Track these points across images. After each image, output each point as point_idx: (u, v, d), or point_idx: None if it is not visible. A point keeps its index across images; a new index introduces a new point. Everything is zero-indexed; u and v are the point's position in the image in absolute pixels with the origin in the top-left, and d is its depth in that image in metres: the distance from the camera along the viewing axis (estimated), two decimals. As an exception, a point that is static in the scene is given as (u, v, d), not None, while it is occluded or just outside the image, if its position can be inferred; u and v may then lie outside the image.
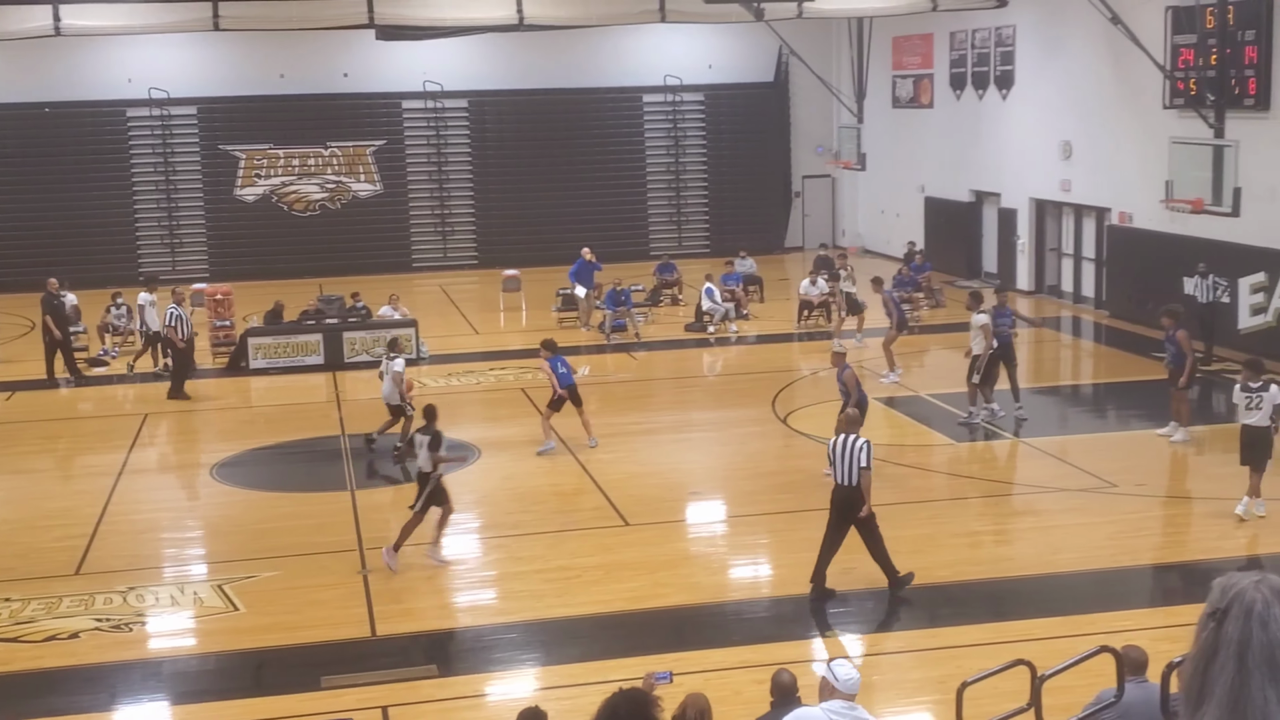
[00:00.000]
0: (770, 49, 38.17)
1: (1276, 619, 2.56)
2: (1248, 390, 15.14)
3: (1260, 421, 15.01)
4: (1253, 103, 23.22)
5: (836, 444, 13.35)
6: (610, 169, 38.97)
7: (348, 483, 17.89)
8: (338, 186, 37.82)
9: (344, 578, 14.22)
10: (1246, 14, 23.07)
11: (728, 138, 39.57)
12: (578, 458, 18.63)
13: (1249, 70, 23.22)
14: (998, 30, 31.84)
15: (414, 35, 29.99)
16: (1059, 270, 30.96)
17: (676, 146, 39.58)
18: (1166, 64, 25.03)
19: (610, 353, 26.39)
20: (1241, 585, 2.62)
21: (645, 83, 38.84)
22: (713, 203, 39.82)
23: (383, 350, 20.35)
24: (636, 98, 39.13)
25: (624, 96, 38.95)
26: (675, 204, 39.77)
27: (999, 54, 32.02)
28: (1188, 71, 24.57)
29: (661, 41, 37.62)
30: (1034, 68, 30.61)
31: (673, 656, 11.64)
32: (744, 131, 39.50)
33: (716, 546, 15.59)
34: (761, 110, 39.51)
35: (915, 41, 35.76)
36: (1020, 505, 16.51)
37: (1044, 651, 10.60)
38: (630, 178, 39.30)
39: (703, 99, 39.48)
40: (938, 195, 35.11)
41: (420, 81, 37.33)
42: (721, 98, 39.45)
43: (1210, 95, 23.45)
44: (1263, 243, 23.08)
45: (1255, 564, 13.79)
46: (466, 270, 37.80)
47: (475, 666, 12.09)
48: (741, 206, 39.41)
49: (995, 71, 32.20)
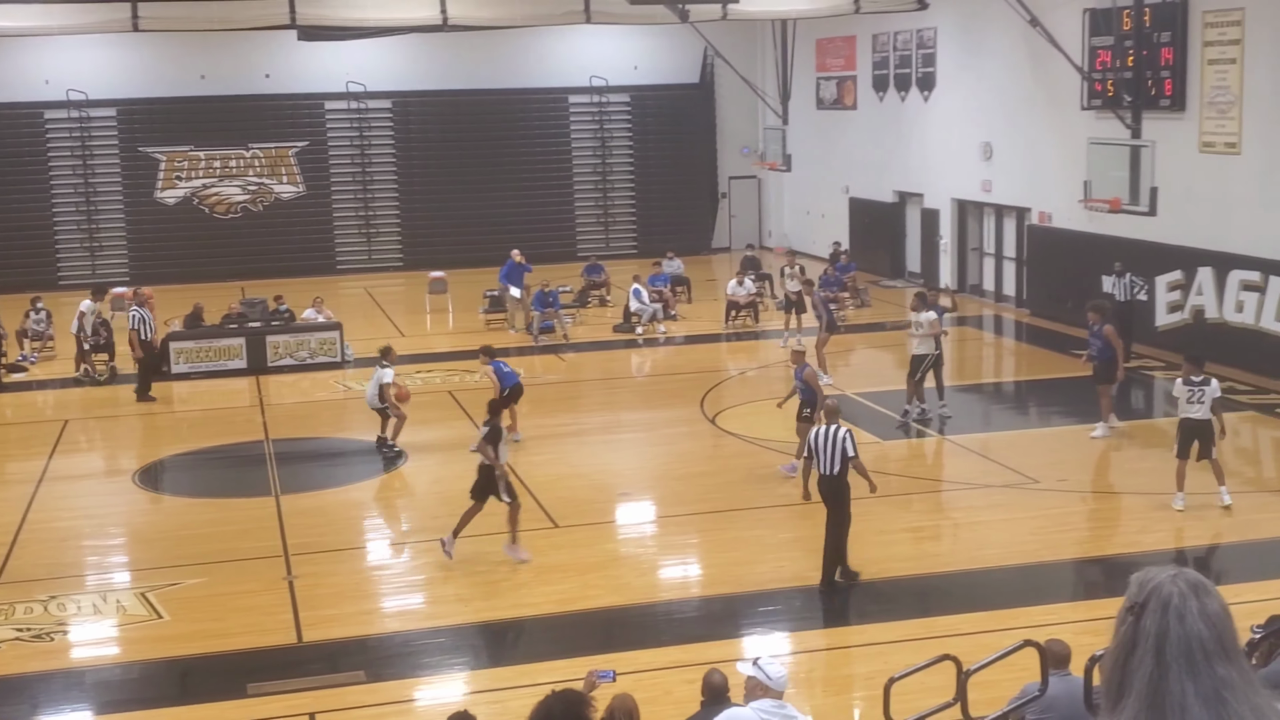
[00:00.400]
0: (695, 50, 38.29)
1: (1193, 612, 2.60)
2: (1190, 384, 15.24)
3: (1203, 415, 15.17)
4: (1168, 103, 23.63)
5: (819, 434, 13.54)
6: (537, 170, 38.89)
7: (272, 488, 17.71)
8: (260, 188, 37.44)
9: (269, 584, 14.08)
10: (1162, 16, 23.48)
11: (654, 139, 39.64)
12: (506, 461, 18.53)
13: (1165, 71, 23.63)
14: (919, 32, 32.16)
15: (336, 36, 29.77)
16: (981, 270, 31.32)
17: (603, 147, 39.59)
18: (1084, 65, 25.41)
19: (538, 354, 26.33)
20: (1159, 579, 2.66)
21: (571, 84, 38.81)
22: (640, 204, 39.87)
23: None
24: (562, 99, 39.09)
25: (549, 97, 38.90)
26: (602, 205, 39.79)
27: (920, 56, 32.35)
28: (1105, 73, 24.96)
29: (587, 42, 37.61)
30: (955, 69, 30.95)
31: (603, 658, 11.63)
32: (670, 132, 39.59)
33: (646, 547, 15.61)
34: (687, 111, 39.63)
35: (838, 43, 36.04)
36: (945, 502, 16.69)
37: (970, 646, 10.73)
38: (557, 179, 39.25)
39: (629, 100, 39.52)
40: (862, 196, 35.40)
41: (343, 82, 37.05)
42: (647, 99, 39.51)
43: (1127, 96, 23.84)
44: (1179, 241, 23.50)
45: (1175, 557, 14.04)
46: (392, 272, 37.57)
47: (403, 672, 12.02)
48: (668, 207, 39.50)
49: (917, 73, 32.52)
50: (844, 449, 13.35)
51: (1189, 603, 2.61)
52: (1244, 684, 2.60)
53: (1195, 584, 2.64)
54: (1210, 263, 22.97)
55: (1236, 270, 22.44)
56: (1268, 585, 13.35)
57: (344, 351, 25.32)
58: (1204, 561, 14.31)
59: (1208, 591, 2.64)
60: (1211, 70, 22.84)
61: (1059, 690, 8.63)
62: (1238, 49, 22.26)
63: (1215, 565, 14.34)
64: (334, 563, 14.76)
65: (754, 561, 14.41)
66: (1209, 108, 22.97)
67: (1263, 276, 21.83)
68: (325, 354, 25.19)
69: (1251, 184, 22.18)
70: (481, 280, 31.70)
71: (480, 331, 28.34)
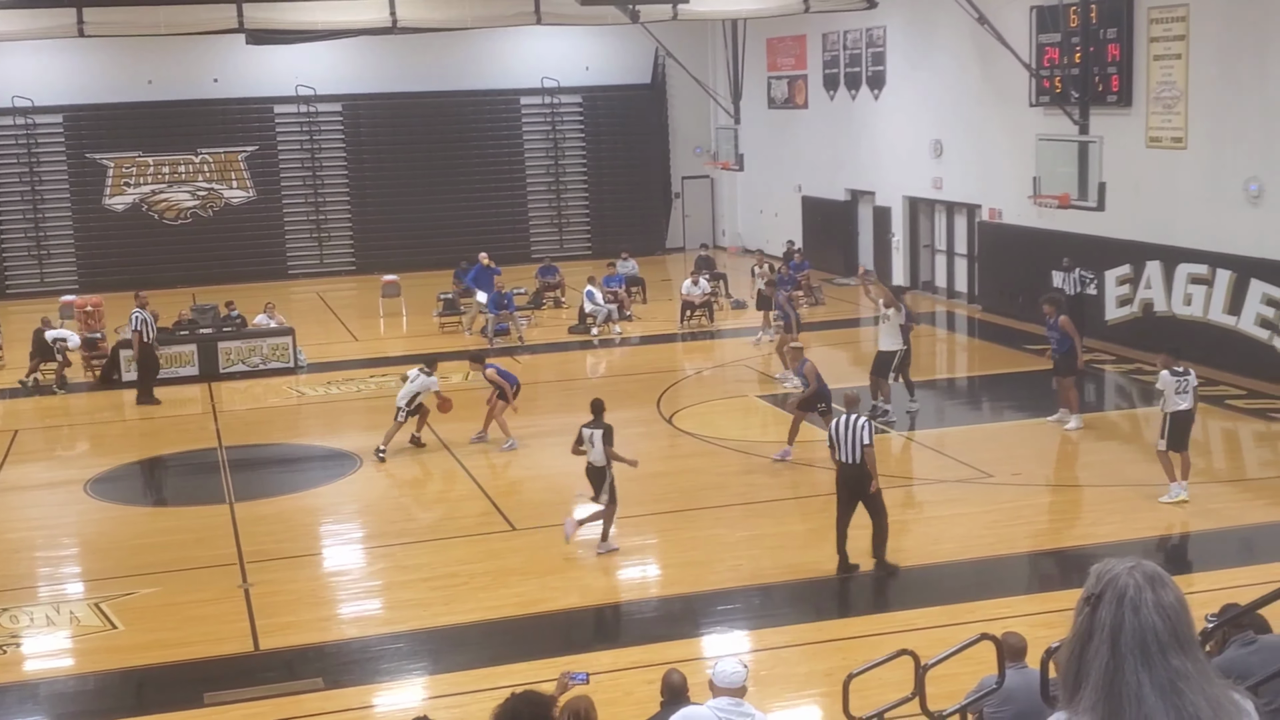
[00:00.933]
0: (647, 51, 38.32)
1: (1148, 604, 2.63)
2: (1176, 375, 15.25)
3: (1189, 405, 15.27)
4: (1115, 99, 23.86)
5: (839, 424, 13.74)
6: (489, 171, 38.80)
7: (226, 495, 17.58)
8: (209, 194, 37.15)
9: (225, 592, 13.98)
10: (1108, 12, 23.69)
11: (607, 139, 39.63)
12: (463, 464, 18.52)
13: (1111, 68, 23.87)
14: (868, 31, 32.31)
15: (285, 39, 29.59)
16: (933, 266, 31.51)
17: (556, 149, 39.55)
18: (1032, 63, 25.61)
19: (493, 357, 26.23)
20: (1115, 571, 2.69)
21: (522, 85, 38.75)
22: (593, 205, 39.86)
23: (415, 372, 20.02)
24: (514, 100, 39.02)
25: (501, 99, 38.82)
26: (556, 206, 39.74)
27: (870, 55, 32.50)
28: (1053, 70, 25.16)
29: (538, 44, 37.56)
30: (905, 68, 31.12)
31: (563, 660, 11.62)
32: (623, 133, 39.60)
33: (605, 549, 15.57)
34: (640, 112, 39.65)
35: (789, 43, 36.15)
36: (901, 498, 16.75)
37: (927, 641, 10.79)
38: (510, 180, 39.17)
39: (581, 101, 39.50)
40: (814, 194, 35.53)
41: (292, 86, 36.82)
42: (599, 100, 39.51)
43: (1074, 93, 24.04)
44: (1127, 236, 23.72)
45: (1130, 548, 14.16)
46: (344, 276, 37.38)
47: (362, 678, 11.96)
48: (622, 208, 39.51)
49: (867, 72, 32.68)
50: (861, 437, 13.56)
51: (1144, 594, 2.64)
52: (1199, 675, 2.63)
53: (1151, 576, 2.67)
54: (1158, 256, 23.20)
55: (1184, 264, 22.69)
56: (1221, 575, 13.51)
57: (296, 357, 25.17)
58: (1159, 551, 14.43)
59: (1163, 583, 2.67)
60: (1157, 66, 23.08)
61: (1016, 683, 8.70)
62: (1183, 44, 22.51)
63: (1170, 555, 14.48)
64: (290, 569, 14.67)
65: (712, 561, 14.44)
66: (1155, 103, 23.21)
67: (1210, 270, 22.08)
68: (278, 359, 25.04)
69: (1198, 178, 22.42)
70: (435, 283, 31.59)
71: (434, 335, 28.26)
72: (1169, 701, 2.59)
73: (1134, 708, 2.60)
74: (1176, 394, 15.23)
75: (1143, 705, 2.59)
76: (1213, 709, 2.61)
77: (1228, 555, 14.48)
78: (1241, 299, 21.47)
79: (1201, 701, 2.61)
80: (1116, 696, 2.61)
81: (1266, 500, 15.68)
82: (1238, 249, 21.53)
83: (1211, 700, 2.62)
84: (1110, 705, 2.61)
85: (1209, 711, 2.60)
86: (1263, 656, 7.87)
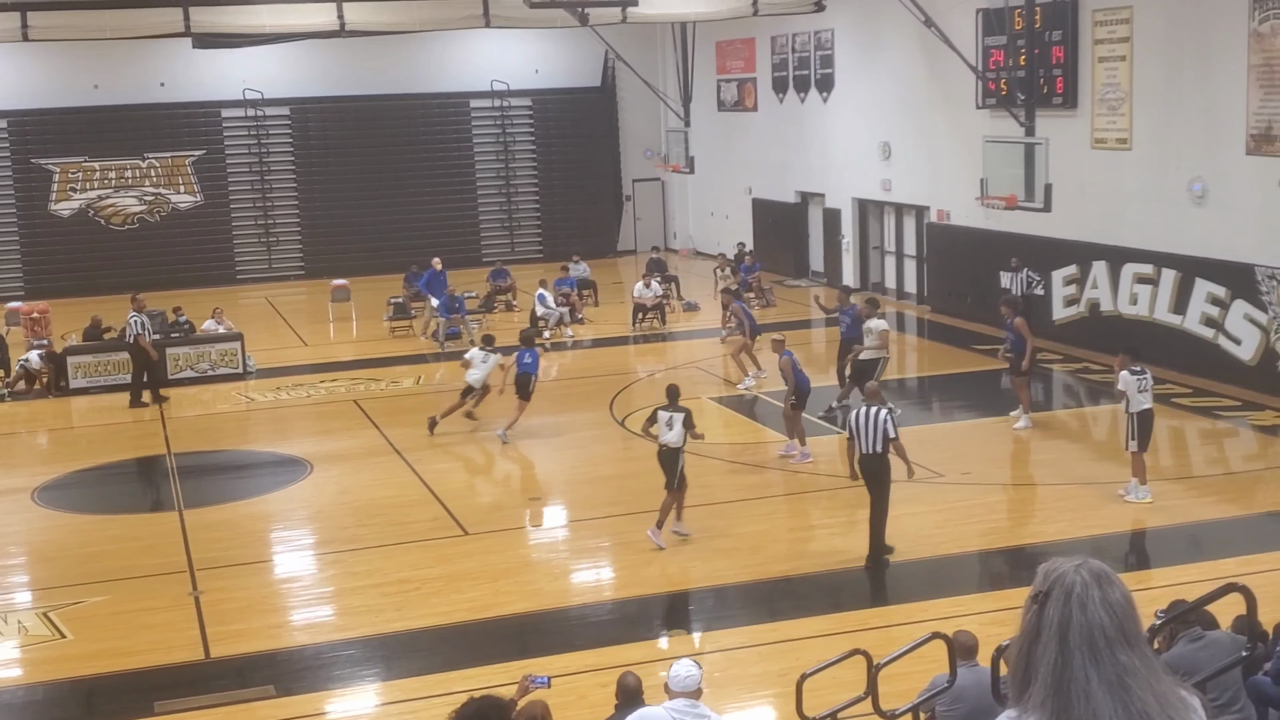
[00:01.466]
0: (596, 54, 38.32)
1: (1095, 601, 2.66)
2: (1135, 374, 15.35)
3: (1150, 404, 15.37)
4: (1060, 101, 24.09)
5: (859, 415, 14.06)
6: (439, 175, 38.67)
7: (175, 502, 17.43)
8: (156, 198, 36.83)
9: (175, 600, 13.86)
10: (1053, 15, 23.92)
11: (557, 143, 39.60)
12: (415, 469, 18.45)
13: (1056, 70, 24.09)
14: (817, 34, 32.46)
15: (232, 43, 29.37)
16: (882, 268, 31.69)
17: (506, 152, 39.48)
18: (978, 65, 25.82)
19: (445, 361, 26.18)
20: (1063, 569, 2.72)
21: (472, 88, 38.66)
22: (544, 208, 39.82)
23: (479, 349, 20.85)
24: (464, 103, 38.92)
25: (450, 102, 38.71)
26: (507, 209, 39.67)
27: (819, 57, 32.65)
28: (998, 72, 25.37)
29: (487, 47, 37.48)
30: (853, 70, 31.28)
31: (517, 664, 11.61)
32: (573, 136, 39.58)
33: (558, 552, 15.58)
34: (590, 115, 39.64)
35: (738, 46, 36.26)
36: (852, 498, 16.82)
37: (879, 640, 10.85)
38: (460, 184, 39.06)
39: (530, 104, 39.45)
40: (765, 197, 35.65)
41: (240, 90, 36.55)
42: (549, 103, 39.47)
43: (1020, 95, 24.25)
44: (1073, 236, 23.95)
45: (1079, 547, 14.30)
46: (293, 281, 37.16)
47: (314, 685, 11.89)
48: (573, 211, 39.49)
49: (816, 75, 32.82)
50: (885, 430, 13.84)
51: (1091, 592, 2.67)
52: (1146, 671, 2.66)
53: (1098, 573, 2.70)
54: (1104, 257, 23.44)
55: (1130, 264, 22.94)
56: (1169, 571, 13.68)
57: (245, 362, 24.99)
58: (1108, 549, 14.57)
59: (1110, 581, 2.70)
60: (1102, 68, 23.33)
61: (967, 681, 8.76)
62: (1127, 46, 22.76)
63: (1119, 552, 14.62)
64: (241, 576, 14.57)
65: (665, 563, 14.46)
66: (1100, 105, 23.45)
67: (1155, 269, 22.33)
68: (226, 365, 24.85)
69: (1143, 179, 22.67)
70: (385, 287, 31.47)
71: (384, 339, 28.15)
72: (1117, 697, 2.62)
73: (1082, 704, 2.62)
74: (1139, 393, 15.32)
75: (1091, 701, 2.62)
76: (1160, 704, 2.65)
77: (1176, 552, 14.65)
78: (1187, 298, 21.73)
79: (1149, 697, 2.64)
80: (1065, 693, 2.63)
81: (1213, 498, 15.87)
82: (1182, 249, 21.79)
83: (1159, 696, 2.66)
84: (1059, 702, 2.64)
85: (1156, 707, 2.63)
86: (1210, 652, 7.98)
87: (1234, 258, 20.74)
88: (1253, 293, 20.42)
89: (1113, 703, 2.62)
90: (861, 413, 14.11)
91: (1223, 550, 14.16)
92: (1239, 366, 20.66)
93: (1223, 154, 20.88)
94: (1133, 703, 2.62)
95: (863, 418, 14.02)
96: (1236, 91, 20.39)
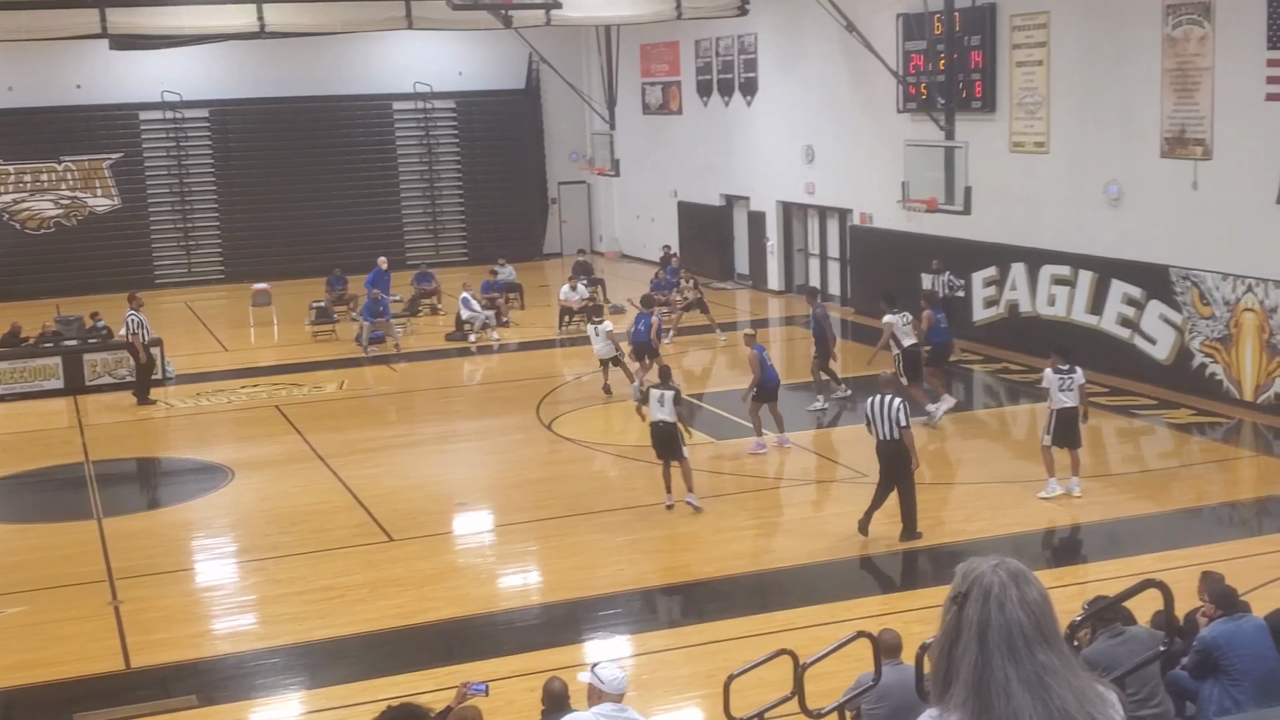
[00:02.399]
0: (521, 56, 38.22)
1: (1013, 600, 2.70)
2: (1059, 373, 15.68)
3: (1073, 402, 15.66)
4: (980, 105, 24.39)
5: (875, 403, 14.59)
6: (362, 178, 38.38)
7: (94, 511, 17.16)
8: (73, 202, 36.24)
9: (94, 610, 13.65)
10: (972, 20, 24.21)
11: (481, 145, 39.46)
12: (338, 475, 18.30)
13: (975, 74, 24.39)
14: (740, 38, 32.61)
15: (150, 44, 28.94)
16: (806, 270, 31.89)
17: (430, 154, 39.28)
18: (899, 69, 26.06)
19: (368, 365, 26.01)
20: (981, 569, 2.75)
21: (395, 90, 38.41)
22: (469, 211, 39.66)
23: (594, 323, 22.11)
24: (386, 105, 38.67)
25: (373, 104, 38.44)
26: (431, 212, 39.46)
27: (742, 61, 32.80)
28: (919, 76, 25.64)
29: (410, 48, 37.26)
30: (776, 74, 31.46)
31: (444, 671, 11.58)
32: (498, 139, 39.46)
33: (485, 557, 15.54)
34: (515, 117, 39.55)
35: (662, 49, 36.34)
36: (779, 499, 16.96)
37: (805, 640, 10.91)
38: (383, 186, 38.79)
39: (454, 106, 39.27)
40: (690, 200, 35.75)
41: (158, 92, 36.05)
42: (473, 105, 39.33)
43: (940, 99, 24.52)
44: (993, 239, 24.24)
45: (999, 545, 14.47)
46: (213, 285, 36.72)
47: (237, 694, 11.76)
48: (498, 214, 39.36)
49: (740, 78, 32.97)
50: (897, 419, 14.43)
51: (1009, 591, 2.71)
52: (1064, 668, 2.70)
53: (1015, 573, 2.74)
54: (1023, 258, 23.76)
55: (1047, 265, 23.26)
56: (1089, 568, 13.90)
57: (165, 368, 24.65)
58: (1028, 546, 14.77)
59: (1027, 580, 2.74)
60: (1020, 72, 23.65)
61: (892, 679, 8.84)
62: (1044, 51, 23.09)
63: (1039, 550, 14.82)
64: (162, 585, 14.37)
65: (594, 566, 14.46)
66: (1018, 109, 23.77)
67: (1072, 271, 22.67)
68: (147, 371, 24.48)
69: (1060, 182, 23.01)
70: (307, 291, 31.19)
71: (307, 343, 27.90)
72: (1036, 696, 2.66)
73: (1003, 702, 2.66)
74: (1060, 391, 15.64)
75: (1011, 700, 2.66)
76: (1079, 700, 2.69)
77: (1094, 549, 14.89)
78: (1103, 299, 22.07)
79: (1068, 694, 2.68)
80: (986, 692, 2.67)
81: (1130, 495, 16.13)
82: (1098, 250, 22.13)
83: (1077, 692, 2.70)
84: (980, 701, 2.68)
85: (1075, 703, 2.67)
86: (1130, 648, 8.12)
87: (1149, 259, 21.10)
88: (1167, 293, 20.79)
89: (1032, 701, 2.65)
90: (876, 401, 14.68)
91: (1140, 547, 14.40)
92: (1155, 366, 21.03)
93: (1138, 157, 21.24)
94: (1052, 700, 2.66)
95: (878, 405, 14.63)
96: (1151, 95, 20.76)
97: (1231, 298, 19.65)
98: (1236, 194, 19.45)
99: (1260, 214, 19.01)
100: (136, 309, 23.49)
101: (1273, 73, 18.47)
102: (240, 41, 30.50)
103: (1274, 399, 19.07)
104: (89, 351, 24.47)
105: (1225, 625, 8.63)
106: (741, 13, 30.27)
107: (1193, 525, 15.19)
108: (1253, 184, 19.05)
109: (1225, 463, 17.84)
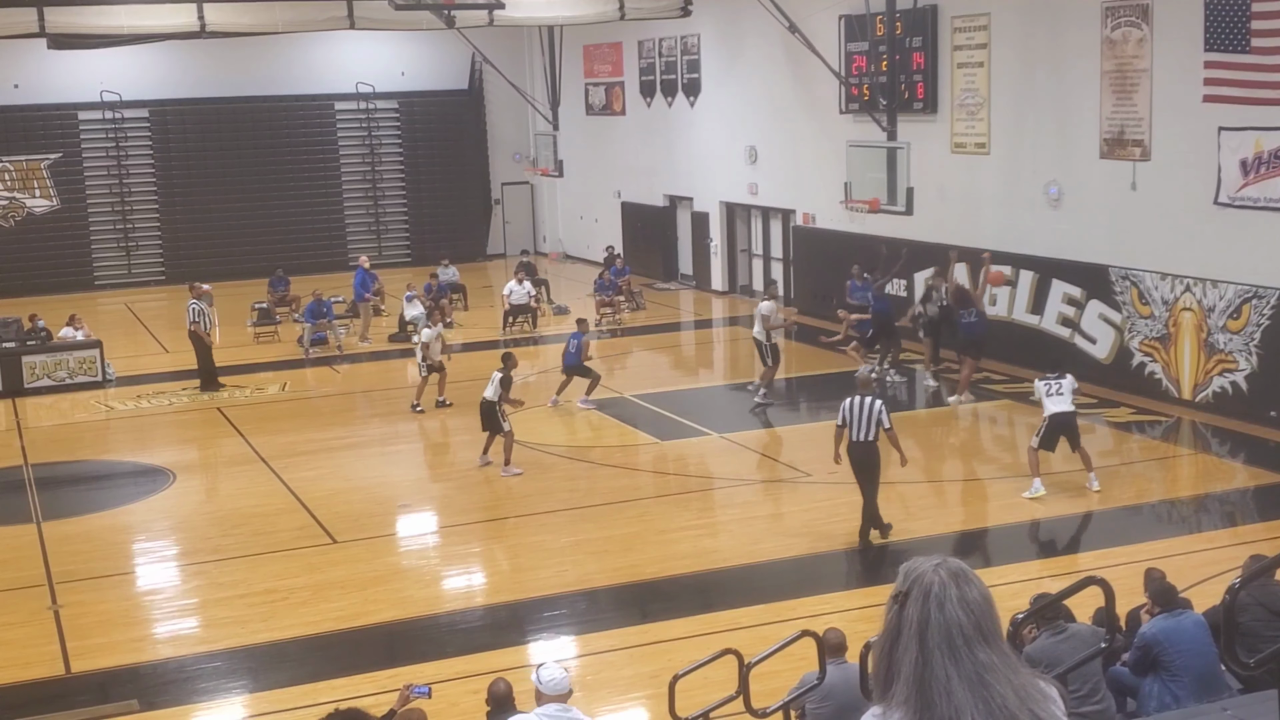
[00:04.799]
0: (463, 56, 38.10)
1: (953, 600, 2.72)
2: (1046, 380, 15.90)
3: (1066, 407, 15.78)
4: (921, 106, 24.56)
5: (853, 404, 14.42)
6: (304, 178, 38.12)
7: (33, 514, 16.93)
8: (11, 203, 35.74)
9: (33, 615, 13.48)
10: (913, 22, 24.37)
11: (424, 145, 39.29)
12: (280, 477, 18.15)
13: (917, 75, 24.56)
14: (683, 39, 32.67)
15: (89, 44, 28.60)
16: (750, 270, 31.99)
17: (373, 155, 39.07)
18: (841, 70, 26.20)
19: (311, 367, 25.83)
20: (922, 568, 2.77)
21: (337, 90, 38.18)
22: (412, 211, 39.48)
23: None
24: (328, 105, 38.42)
25: (315, 105, 38.19)
26: (374, 213, 39.26)
27: (685, 62, 32.86)
28: (861, 77, 25.79)
29: (352, 48, 37.04)
30: (719, 75, 31.54)
31: (387, 673, 11.52)
32: (441, 139, 39.31)
33: (428, 558, 15.47)
34: (458, 118, 39.41)
35: (605, 50, 36.33)
36: (722, 499, 16.98)
37: (750, 639, 10.95)
38: (325, 187, 38.55)
39: (397, 106, 39.09)
40: (634, 200, 35.77)
41: (97, 92, 35.64)
42: (416, 105, 39.15)
43: (882, 100, 24.67)
44: (934, 239, 24.40)
45: (941, 544, 14.59)
46: (153, 287, 36.34)
47: (179, 698, 11.64)
48: (442, 214, 39.22)
49: (683, 79, 33.03)
50: (879, 420, 14.30)
51: (949, 591, 2.73)
52: (1004, 666, 2.72)
53: (956, 572, 2.76)
54: (964, 259, 23.89)
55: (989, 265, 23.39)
56: (1030, 566, 14.02)
57: (105, 370, 24.38)
58: (968, 546, 14.89)
59: (968, 579, 2.76)
60: (961, 74, 23.84)
61: (836, 678, 8.88)
62: (984, 53, 23.28)
63: (979, 549, 14.94)
64: (102, 590, 14.20)
65: (537, 567, 14.43)
66: (959, 110, 23.96)
67: (1013, 270, 22.86)
68: (85, 373, 24.21)
69: (1000, 182, 23.21)
70: (249, 293, 30.94)
71: (249, 345, 27.67)
72: (977, 694, 2.68)
73: (944, 701, 2.68)
74: (1048, 397, 15.83)
75: (952, 698, 2.67)
76: (1019, 698, 2.71)
77: (1035, 547, 15.04)
78: (1044, 299, 22.29)
79: (1008, 692, 2.70)
80: (927, 690, 2.69)
81: (1071, 493, 16.28)
82: (1039, 250, 22.34)
83: (1018, 689, 2.72)
84: (922, 699, 2.69)
85: (1015, 700, 2.70)
86: (1071, 645, 8.21)
87: (1089, 259, 21.33)
88: (1107, 293, 21.02)
89: (973, 699, 2.67)
90: (855, 401, 14.49)
91: (1081, 544, 14.54)
92: (1095, 365, 21.24)
93: (1077, 158, 21.47)
94: (993, 698, 2.68)
95: (856, 406, 14.44)
96: (1090, 97, 20.98)
97: (1170, 297, 19.90)
98: (1175, 195, 19.69)
99: (1198, 214, 19.26)
100: (198, 297, 23.66)
101: (1210, 74, 18.71)
102: (181, 41, 30.21)
103: (1211, 398, 19.33)
104: (28, 354, 24.15)
105: (1165, 622, 8.73)
106: (684, 14, 30.34)
107: (1133, 523, 15.35)
108: (1191, 185, 19.30)
109: (1164, 460, 18.06)
